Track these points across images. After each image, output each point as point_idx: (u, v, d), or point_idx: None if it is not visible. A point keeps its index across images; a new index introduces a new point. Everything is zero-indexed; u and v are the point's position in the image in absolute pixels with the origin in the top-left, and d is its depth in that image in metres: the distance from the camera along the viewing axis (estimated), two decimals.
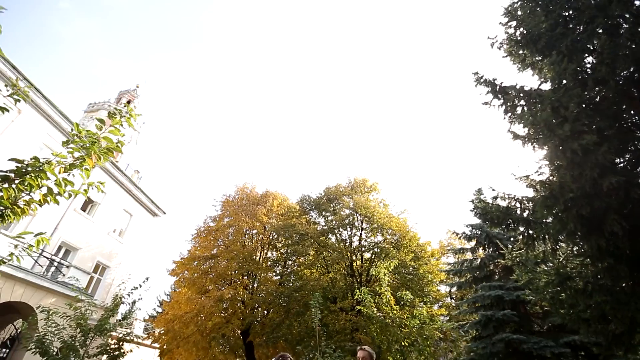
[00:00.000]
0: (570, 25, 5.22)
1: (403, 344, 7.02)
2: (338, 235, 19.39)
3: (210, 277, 17.17)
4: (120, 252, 17.56)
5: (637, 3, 4.73)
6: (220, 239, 19.04)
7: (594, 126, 4.15)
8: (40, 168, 3.05)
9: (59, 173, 3.17)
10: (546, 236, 5.15)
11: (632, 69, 4.52)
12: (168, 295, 35.44)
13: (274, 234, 19.30)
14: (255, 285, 18.20)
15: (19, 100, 3.14)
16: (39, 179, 3.07)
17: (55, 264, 12.96)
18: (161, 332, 17.44)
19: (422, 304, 15.29)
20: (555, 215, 4.68)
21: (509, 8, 6.12)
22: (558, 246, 4.99)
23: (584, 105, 4.77)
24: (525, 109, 5.74)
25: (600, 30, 4.67)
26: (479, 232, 11.45)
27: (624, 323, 3.89)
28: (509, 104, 6.09)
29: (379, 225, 18.21)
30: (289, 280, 19.33)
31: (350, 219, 19.19)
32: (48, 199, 3.16)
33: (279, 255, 20.60)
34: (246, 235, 19.44)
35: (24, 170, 3.04)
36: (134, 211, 18.99)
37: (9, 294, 10.49)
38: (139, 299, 8.95)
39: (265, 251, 20.01)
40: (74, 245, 14.61)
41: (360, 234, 19.23)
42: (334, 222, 19.25)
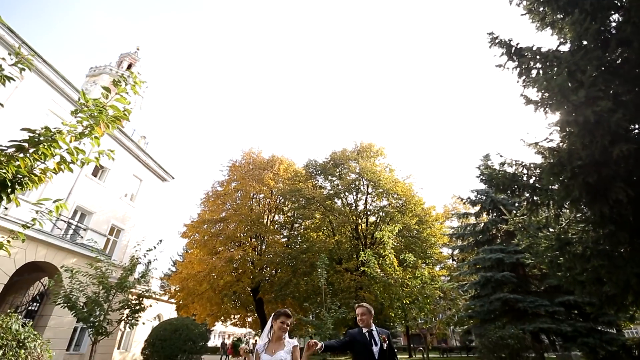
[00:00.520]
0: None
1: (404, 301, 7.42)
2: (344, 199, 19.69)
3: (220, 239, 17.86)
4: (132, 216, 18.18)
5: None
6: (229, 203, 19.49)
7: (611, 91, 3.99)
8: (53, 137, 3.10)
9: (70, 142, 3.23)
10: (550, 202, 5.19)
11: None
12: (181, 255, 37.20)
13: (281, 198, 19.67)
14: (263, 246, 18.93)
15: (23, 69, 3.11)
16: (52, 148, 3.13)
17: (73, 227, 13.56)
18: (176, 289, 18.59)
19: (425, 265, 15.88)
20: (561, 182, 4.68)
21: None
22: (561, 212, 5.04)
23: (603, 69, 4.55)
24: (541, 72, 5.50)
25: None
26: (484, 198, 11.54)
27: (618, 285, 4.06)
28: (524, 66, 5.82)
29: (384, 189, 18.39)
30: (296, 242, 20.02)
31: (356, 184, 19.36)
32: (62, 167, 3.25)
33: (286, 218, 21.15)
34: (253, 199, 19.85)
35: (37, 139, 3.10)
36: (143, 176, 19.33)
37: (33, 254, 11.16)
38: (154, 260, 9.47)
39: (273, 214, 20.53)
40: (89, 209, 15.14)
41: (366, 198, 19.50)
42: (340, 187, 19.47)
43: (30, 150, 3.08)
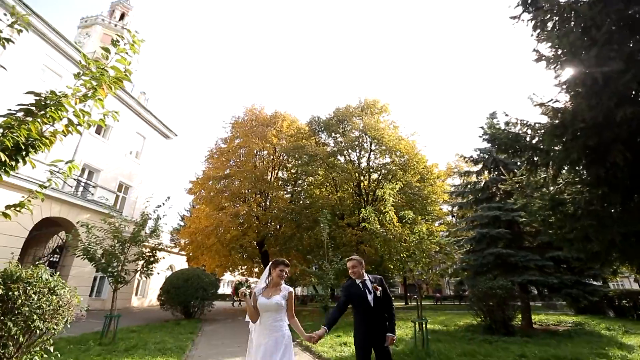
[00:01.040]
0: None
1: (402, 255, 7.84)
2: (347, 156, 19.75)
3: (225, 196, 18.36)
4: (139, 173, 18.55)
5: None
6: (233, 160, 19.68)
7: (626, 51, 3.83)
8: (59, 101, 3.15)
9: (75, 104, 3.28)
10: (550, 163, 5.26)
11: None
12: (188, 211, 38.42)
13: (284, 154, 19.76)
14: (267, 202, 19.47)
15: (21, 31, 3.06)
16: (59, 112, 3.19)
17: (82, 184, 13.96)
18: (186, 242, 19.57)
19: (424, 221, 16.42)
20: (563, 144, 4.70)
21: None
22: (560, 174, 5.13)
23: (622, 24, 4.31)
24: (557, 25, 5.21)
25: None
26: (487, 156, 11.56)
27: (604, 243, 4.30)
28: (539, 18, 5.49)
29: (387, 147, 18.35)
30: (299, 199, 20.54)
31: (360, 141, 19.29)
32: (70, 129, 3.34)
33: (290, 175, 21.45)
34: (257, 156, 19.98)
35: (44, 103, 3.15)
36: (146, 134, 19.36)
37: (49, 210, 11.69)
38: (163, 215, 9.89)
39: (276, 171, 20.80)
40: (95, 167, 15.44)
41: (369, 155, 19.53)
42: (343, 144, 19.43)
43: (39, 114, 3.16)
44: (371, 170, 19.32)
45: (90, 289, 14.54)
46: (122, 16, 24.16)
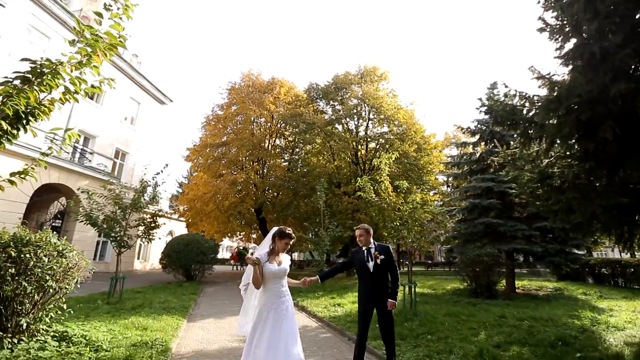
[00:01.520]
0: None
1: (395, 223, 8.14)
2: (345, 125, 19.60)
3: (223, 163, 18.41)
4: (135, 139, 18.40)
5: None
6: (230, 127, 19.48)
7: (627, 24, 3.78)
8: (56, 69, 3.14)
9: (71, 72, 3.28)
10: (543, 137, 5.34)
11: None
12: (186, 178, 38.59)
13: (282, 122, 19.56)
14: (265, 170, 19.59)
15: None
16: (55, 79, 3.20)
17: (79, 150, 13.90)
18: (185, 209, 19.90)
19: (420, 191, 16.73)
20: (557, 118, 4.76)
21: None
22: (552, 147, 5.23)
23: None
24: None
25: None
26: (484, 128, 11.57)
27: (585, 215, 4.52)
28: None
29: (386, 116, 18.19)
30: (297, 167, 20.65)
31: (358, 109, 19.06)
32: (67, 97, 3.36)
33: (287, 143, 21.38)
34: (254, 124, 19.78)
35: (40, 71, 3.14)
36: (140, 99, 18.94)
37: (47, 177, 11.76)
38: (162, 183, 10.02)
39: (274, 139, 20.70)
40: (91, 132, 15.28)
41: (367, 124, 19.39)
42: (342, 112, 19.22)
43: (36, 82, 3.16)
44: (369, 139, 19.27)
45: (94, 253, 15.03)
46: None
